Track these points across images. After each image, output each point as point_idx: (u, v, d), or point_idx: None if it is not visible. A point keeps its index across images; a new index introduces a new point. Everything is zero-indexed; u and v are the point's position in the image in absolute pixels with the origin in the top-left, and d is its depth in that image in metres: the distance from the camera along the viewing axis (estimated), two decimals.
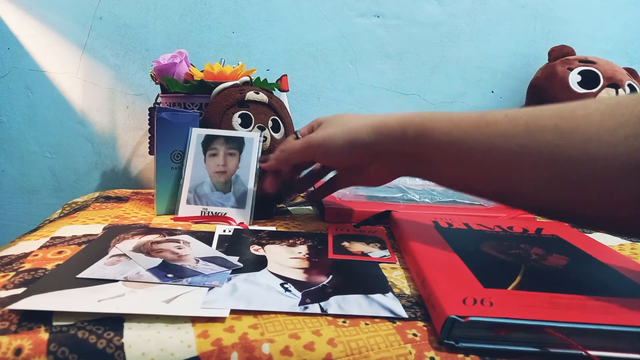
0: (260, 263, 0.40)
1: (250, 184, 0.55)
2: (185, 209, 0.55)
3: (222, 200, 0.55)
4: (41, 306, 0.28)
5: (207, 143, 0.57)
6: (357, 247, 0.46)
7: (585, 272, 0.37)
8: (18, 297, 0.30)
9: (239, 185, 0.56)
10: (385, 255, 0.44)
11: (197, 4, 0.82)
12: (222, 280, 0.35)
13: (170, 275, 0.35)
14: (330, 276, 0.37)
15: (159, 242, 0.43)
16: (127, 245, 0.42)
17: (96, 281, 0.33)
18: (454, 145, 0.35)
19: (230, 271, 0.37)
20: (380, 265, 0.41)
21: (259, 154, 0.57)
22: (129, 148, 0.85)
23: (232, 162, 0.56)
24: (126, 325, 0.28)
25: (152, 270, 0.36)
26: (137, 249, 0.41)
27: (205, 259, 0.40)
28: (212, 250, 0.42)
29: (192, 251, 0.41)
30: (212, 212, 0.54)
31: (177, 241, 0.44)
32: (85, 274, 0.35)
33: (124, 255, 0.39)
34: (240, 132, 0.57)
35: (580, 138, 0.29)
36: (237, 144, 0.57)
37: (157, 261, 0.38)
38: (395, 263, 0.42)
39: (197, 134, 0.57)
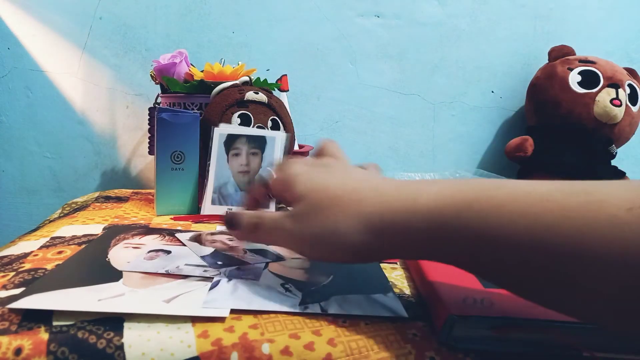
0: (260, 252, 0.40)
1: None
2: (211, 209, 0.56)
3: None
4: (40, 305, 0.28)
5: (230, 143, 0.57)
6: None
7: None
8: (17, 296, 0.30)
9: None
10: None
11: (197, 4, 0.82)
12: (258, 276, 0.36)
13: (220, 263, 0.38)
14: (331, 276, 0.37)
15: (213, 234, 0.47)
16: (183, 235, 0.46)
17: (96, 280, 0.33)
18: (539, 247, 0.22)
19: (264, 264, 0.39)
20: (381, 265, 0.41)
21: (283, 153, 0.57)
22: (129, 148, 0.85)
23: (255, 161, 0.57)
24: (126, 325, 0.28)
25: (205, 257, 0.39)
26: (193, 239, 0.45)
27: (252, 250, 0.42)
28: (259, 244, 0.45)
29: (241, 243, 0.45)
30: None
31: (229, 234, 0.46)
32: (128, 267, 0.36)
33: (161, 250, 0.41)
34: (262, 131, 0.58)
35: None
36: (260, 143, 0.57)
37: (209, 250, 0.41)
38: (395, 263, 0.42)
39: (219, 133, 0.57)
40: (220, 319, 0.29)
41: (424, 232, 0.25)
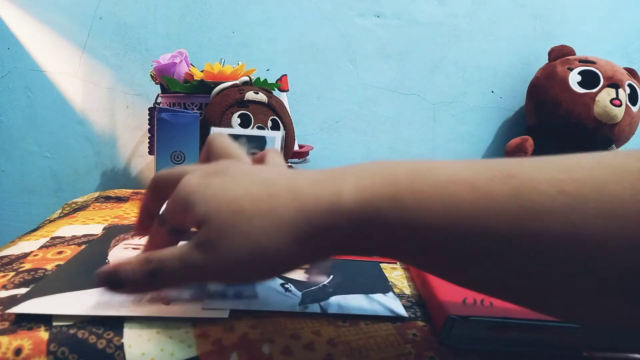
0: None
1: None
2: None
3: None
4: (40, 310, 0.28)
5: None
6: None
7: None
8: (18, 299, 0.30)
9: None
10: None
11: (197, 4, 0.82)
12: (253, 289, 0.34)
13: None
14: (331, 276, 0.37)
15: None
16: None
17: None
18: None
19: None
20: (381, 265, 0.41)
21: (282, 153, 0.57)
22: (129, 148, 0.85)
23: None
24: (126, 325, 0.28)
25: None
26: None
27: None
28: None
29: None
30: None
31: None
32: None
33: None
34: (262, 132, 0.58)
35: None
36: (259, 144, 0.57)
37: None
38: (395, 263, 0.42)
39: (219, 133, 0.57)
40: (220, 319, 0.29)
41: (348, 231, 0.23)
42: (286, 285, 0.35)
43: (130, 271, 0.26)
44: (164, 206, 0.28)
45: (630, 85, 0.77)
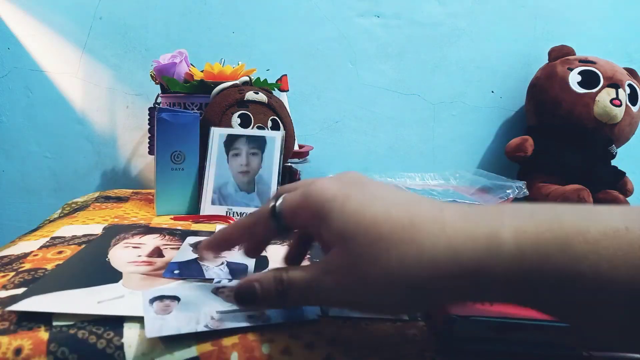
0: (261, 263, 0.40)
1: (274, 183, 0.56)
2: (210, 210, 0.55)
3: (246, 200, 0.56)
4: (40, 308, 0.28)
5: (229, 143, 0.57)
6: None
7: None
8: (17, 297, 0.30)
9: (262, 185, 0.56)
10: None
11: (197, 4, 0.82)
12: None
13: (176, 272, 0.35)
14: None
15: None
16: (191, 239, 0.44)
17: (96, 281, 0.33)
18: None
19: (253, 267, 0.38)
20: None
21: (282, 153, 0.57)
22: (129, 148, 0.85)
23: (255, 161, 0.57)
24: (126, 325, 0.28)
25: (171, 263, 0.37)
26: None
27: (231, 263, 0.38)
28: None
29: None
30: (237, 212, 0.55)
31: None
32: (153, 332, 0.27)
33: (171, 297, 0.32)
34: (262, 132, 0.58)
35: None
36: (259, 144, 0.57)
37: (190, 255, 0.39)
38: None
39: (219, 134, 0.57)
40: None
41: (502, 277, 0.20)
42: None
43: (264, 290, 0.26)
44: (280, 200, 0.27)
45: (630, 85, 0.77)
